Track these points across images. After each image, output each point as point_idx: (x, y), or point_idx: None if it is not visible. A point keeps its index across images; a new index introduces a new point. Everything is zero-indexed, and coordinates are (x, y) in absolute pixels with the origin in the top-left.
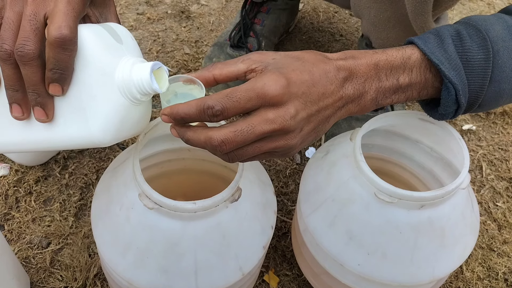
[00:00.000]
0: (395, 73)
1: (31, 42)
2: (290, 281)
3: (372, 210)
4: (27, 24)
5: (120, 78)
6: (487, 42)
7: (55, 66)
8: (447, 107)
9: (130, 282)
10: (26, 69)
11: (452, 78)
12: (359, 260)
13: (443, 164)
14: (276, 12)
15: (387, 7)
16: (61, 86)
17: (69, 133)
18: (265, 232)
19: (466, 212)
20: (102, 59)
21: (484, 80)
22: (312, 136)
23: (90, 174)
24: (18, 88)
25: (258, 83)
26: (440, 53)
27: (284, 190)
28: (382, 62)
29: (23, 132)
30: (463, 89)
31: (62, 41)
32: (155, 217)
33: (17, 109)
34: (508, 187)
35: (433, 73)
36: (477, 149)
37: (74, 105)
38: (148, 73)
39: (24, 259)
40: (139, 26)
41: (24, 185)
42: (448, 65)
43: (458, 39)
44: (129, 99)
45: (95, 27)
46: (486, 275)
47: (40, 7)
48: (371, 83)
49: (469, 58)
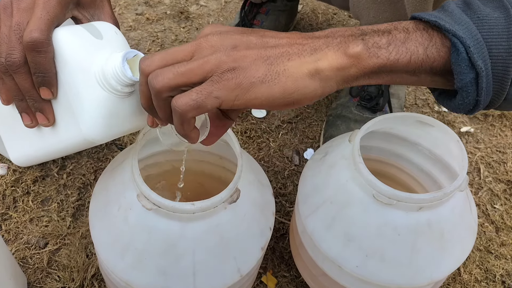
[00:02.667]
0: (383, 29)
1: (16, 50)
2: (288, 283)
3: (371, 212)
4: (12, 34)
5: (97, 71)
6: (503, 3)
7: (35, 70)
8: (461, 74)
9: (128, 283)
10: (17, 77)
11: (456, 31)
12: (357, 262)
13: (441, 166)
14: (275, 13)
15: (386, 8)
16: (48, 89)
17: (68, 135)
18: (264, 234)
19: (464, 214)
20: (78, 56)
21: (511, 43)
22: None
23: (88, 175)
24: (21, 97)
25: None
26: (439, 12)
27: (283, 191)
28: (364, 27)
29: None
30: (477, 46)
31: (34, 44)
32: (153, 218)
33: (26, 117)
34: (506, 189)
35: (438, 31)
36: (475, 151)
37: (64, 106)
38: (120, 61)
39: (21, 259)
40: (138, 26)
41: (21, 185)
42: (449, 20)
43: (465, 4)
44: (111, 92)
45: (72, 28)
46: (484, 277)
47: (24, 17)
48: (352, 33)
49: (481, 16)
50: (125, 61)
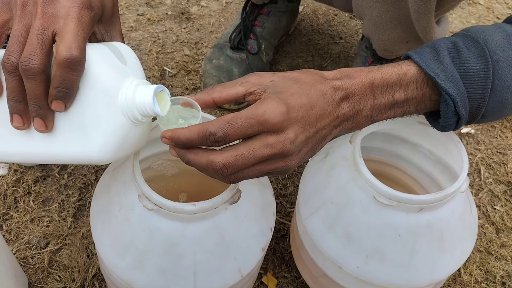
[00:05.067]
0: (391, 90)
1: (37, 56)
2: (289, 283)
3: (371, 212)
4: (35, 38)
5: (123, 100)
6: (485, 52)
7: (61, 84)
8: (447, 119)
9: (128, 283)
10: (30, 82)
11: (449, 90)
12: (358, 263)
13: (442, 167)
14: (277, 14)
15: (389, 7)
16: (64, 103)
17: (69, 149)
18: (264, 234)
19: (465, 215)
20: (106, 81)
21: (485, 91)
22: (309, 155)
23: (89, 175)
24: (20, 99)
25: (259, 110)
26: (436, 65)
27: (283, 192)
28: (377, 80)
29: (23, 143)
30: (462, 100)
31: (72, 62)
32: (154, 218)
33: (17, 119)
34: (506, 191)
35: (430, 87)
36: (475, 152)
37: (75, 122)
38: (151, 96)
39: (22, 259)
40: (139, 27)
41: (23, 185)
42: (444, 77)
43: (455, 51)
44: (131, 120)
45: (101, 48)
46: (484, 278)
47: (49, 23)
48: (366, 101)
49: (467, 69)
50: (155, 96)
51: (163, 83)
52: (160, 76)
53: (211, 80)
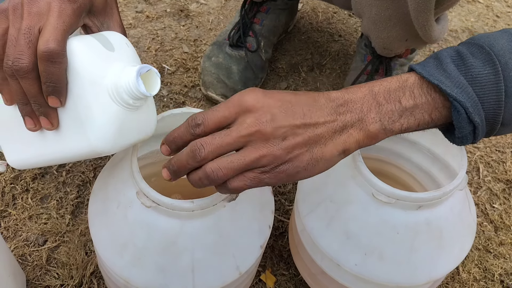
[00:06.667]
0: (394, 95)
1: (25, 55)
2: (287, 281)
3: (370, 210)
4: (22, 38)
5: (109, 84)
6: (491, 56)
7: (47, 79)
8: (462, 128)
9: (127, 281)
10: (24, 82)
11: (456, 96)
12: (356, 260)
13: (440, 165)
14: (276, 12)
15: (388, 5)
16: (57, 98)
17: (74, 145)
18: (263, 232)
19: (463, 213)
20: (90, 69)
21: (499, 95)
22: (306, 156)
23: (87, 172)
24: (26, 101)
25: (236, 96)
26: (439, 73)
27: (282, 189)
28: (376, 88)
29: (41, 145)
30: (474, 106)
31: (49, 55)
32: (152, 215)
33: (29, 121)
34: (505, 189)
35: (439, 93)
36: (474, 150)
37: (73, 116)
38: (134, 76)
39: (20, 257)
40: (138, 24)
41: (21, 183)
42: (449, 84)
43: (459, 58)
44: (122, 105)
45: (85, 38)
46: (482, 276)
47: (35, 21)
48: (370, 107)
49: (474, 74)
50: (139, 76)
51: (162, 81)
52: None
53: (210, 78)
